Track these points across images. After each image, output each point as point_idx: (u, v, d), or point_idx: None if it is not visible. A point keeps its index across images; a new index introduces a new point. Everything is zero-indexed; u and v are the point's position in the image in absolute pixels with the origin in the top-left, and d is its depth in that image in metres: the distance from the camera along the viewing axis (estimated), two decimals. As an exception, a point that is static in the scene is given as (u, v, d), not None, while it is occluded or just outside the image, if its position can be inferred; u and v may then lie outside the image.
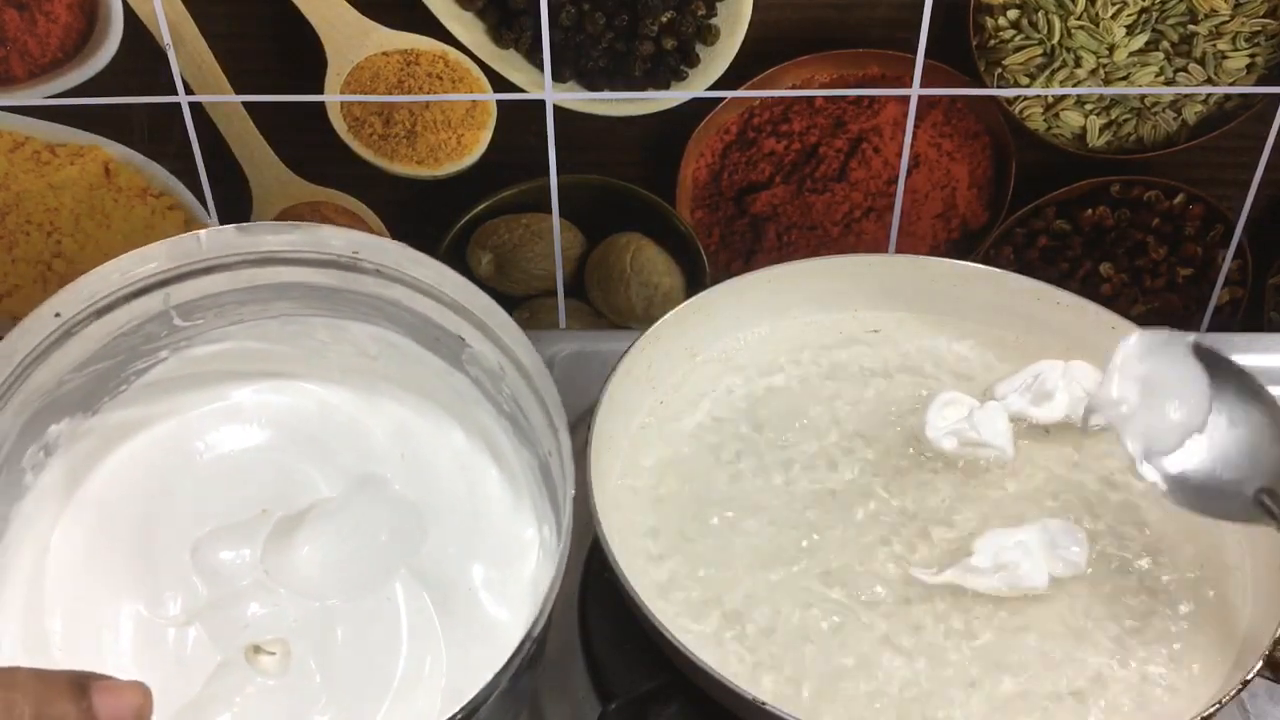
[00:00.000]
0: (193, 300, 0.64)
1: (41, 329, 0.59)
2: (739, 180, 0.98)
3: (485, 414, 0.68)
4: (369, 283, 0.65)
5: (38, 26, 0.88)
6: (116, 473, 0.66)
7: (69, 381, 0.62)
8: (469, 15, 0.89)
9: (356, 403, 0.69)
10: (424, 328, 0.66)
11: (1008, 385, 0.81)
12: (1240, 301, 1.04)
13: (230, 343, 0.67)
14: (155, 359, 0.65)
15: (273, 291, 0.66)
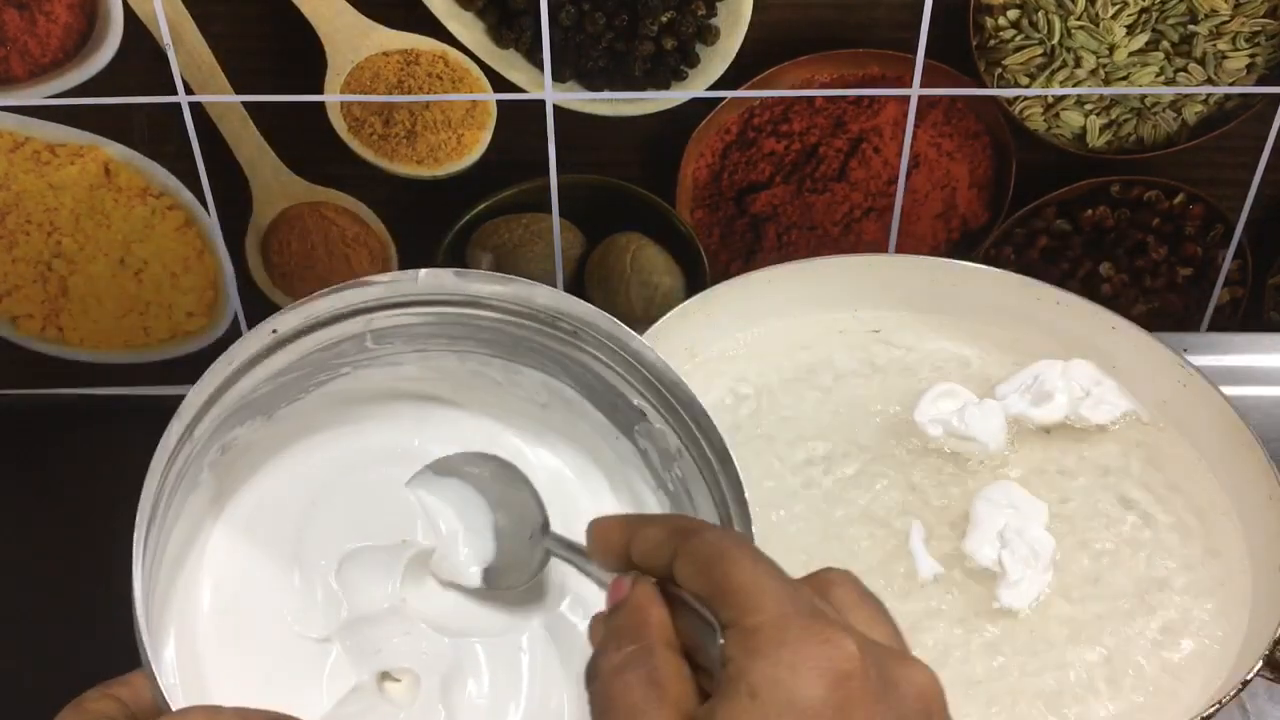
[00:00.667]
0: (390, 328, 0.66)
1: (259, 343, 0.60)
2: (739, 180, 0.98)
3: (644, 486, 0.68)
4: (561, 341, 0.66)
5: (38, 26, 0.88)
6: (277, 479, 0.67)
7: (262, 389, 0.63)
8: (469, 15, 0.89)
9: (518, 445, 0.70)
10: (604, 392, 0.67)
11: (1007, 386, 0.81)
12: (1240, 301, 1.04)
13: (409, 368, 0.68)
14: (338, 373, 0.67)
15: (465, 330, 0.67)
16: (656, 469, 0.67)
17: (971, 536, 0.72)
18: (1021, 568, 0.71)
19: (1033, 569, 0.71)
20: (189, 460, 0.61)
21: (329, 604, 0.64)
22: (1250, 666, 0.64)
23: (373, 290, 0.64)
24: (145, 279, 1.01)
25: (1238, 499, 0.75)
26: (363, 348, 0.66)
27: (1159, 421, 0.80)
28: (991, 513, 0.73)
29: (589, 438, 0.68)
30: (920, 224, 1.00)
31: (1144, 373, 0.81)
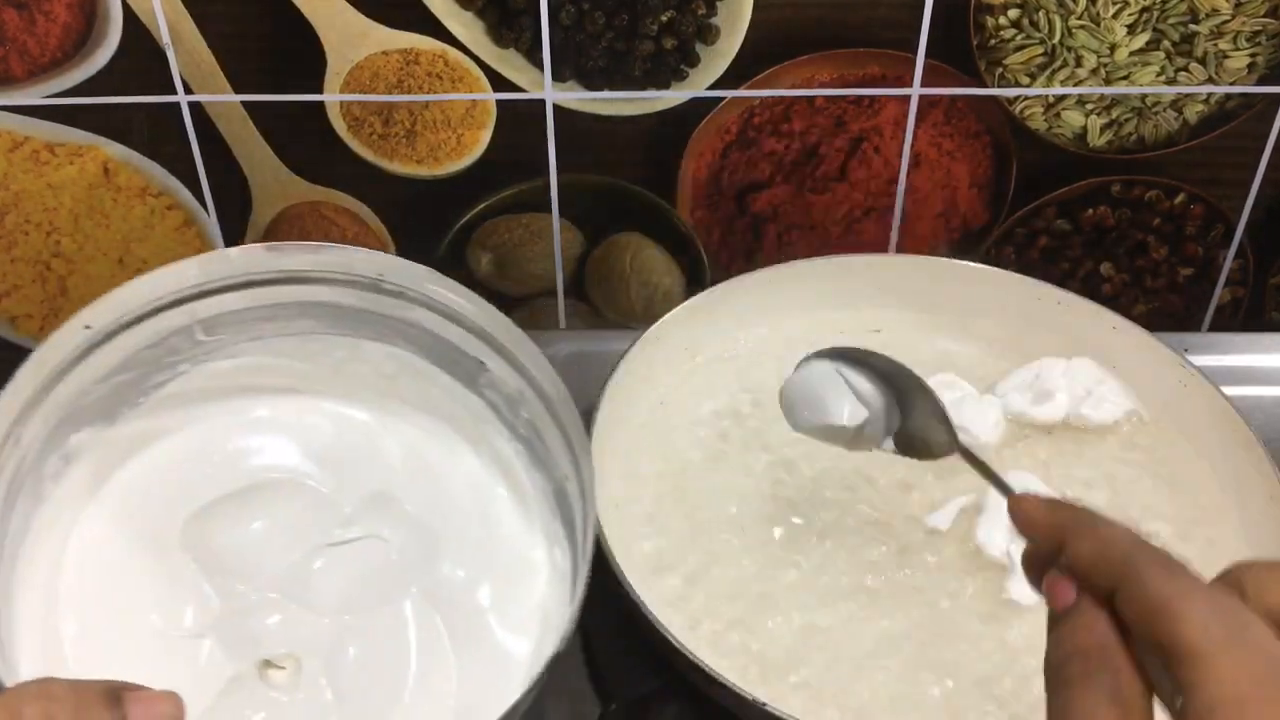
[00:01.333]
0: (217, 315, 0.66)
1: (71, 340, 0.59)
2: (739, 180, 0.98)
3: (499, 437, 0.69)
4: (391, 304, 0.66)
5: (37, 26, 0.88)
6: (133, 483, 0.67)
7: (92, 392, 0.63)
8: (469, 15, 0.89)
9: (371, 421, 0.70)
10: (443, 350, 0.67)
11: (1007, 384, 0.81)
12: (1241, 301, 1.04)
13: (249, 358, 0.68)
14: (175, 371, 0.66)
15: (296, 309, 0.66)
16: (507, 418, 0.67)
17: (982, 527, 0.72)
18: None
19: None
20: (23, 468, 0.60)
21: (196, 600, 0.64)
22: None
23: (188, 273, 0.63)
24: (145, 279, 1.01)
25: (1238, 499, 0.75)
26: (194, 341, 0.65)
27: (1159, 421, 0.80)
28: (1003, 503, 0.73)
29: (440, 401, 0.69)
30: (920, 224, 0.99)
31: (1144, 373, 0.81)
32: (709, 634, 0.70)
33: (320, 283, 0.66)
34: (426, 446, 0.70)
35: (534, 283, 1.02)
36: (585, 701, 0.73)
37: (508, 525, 0.69)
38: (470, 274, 1.02)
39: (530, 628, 0.65)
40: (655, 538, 0.75)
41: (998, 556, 0.71)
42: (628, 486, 0.77)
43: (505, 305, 1.03)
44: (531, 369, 0.65)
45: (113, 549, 0.65)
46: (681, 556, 0.74)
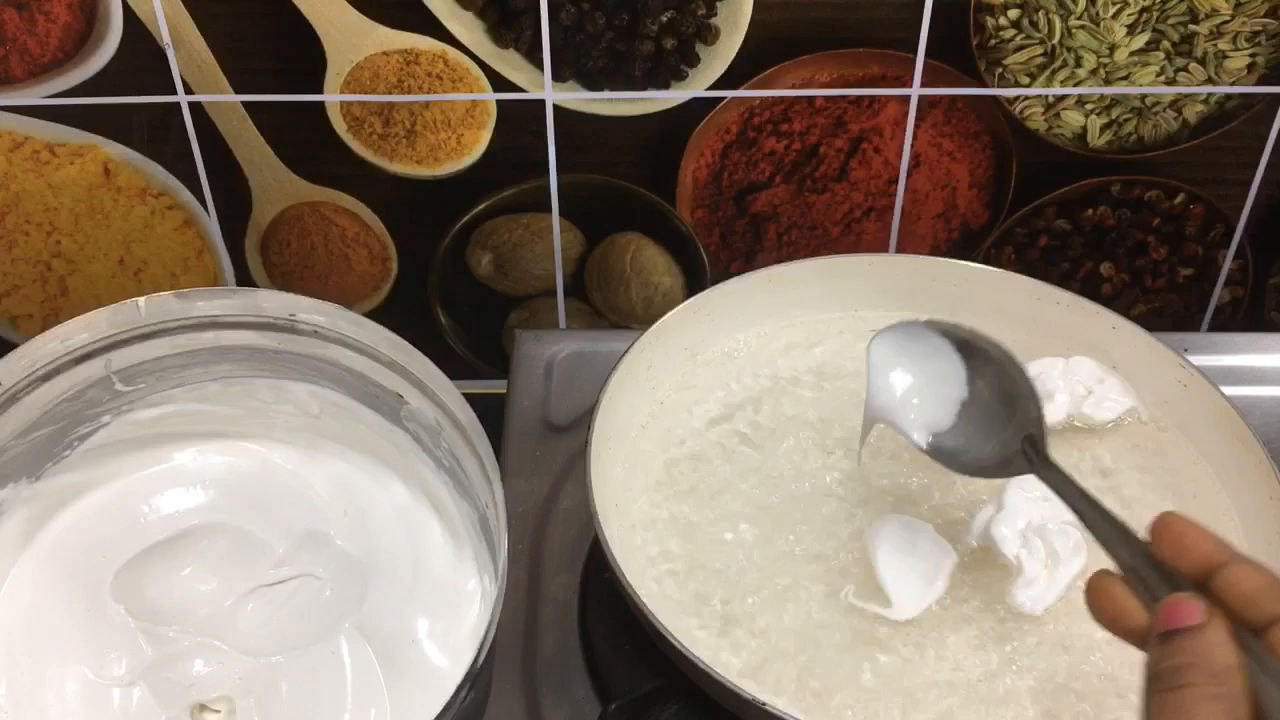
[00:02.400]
0: (134, 365, 0.66)
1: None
2: (739, 180, 0.98)
3: (425, 468, 0.69)
4: (307, 343, 0.66)
5: (37, 26, 0.88)
6: (61, 536, 0.67)
7: (11, 448, 0.63)
8: (469, 15, 0.89)
9: (299, 460, 0.70)
10: (363, 386, 0.68)
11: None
12: (1241, 301, 1.04)
13: (172, 405, 0.68)
14: (98, 423, 0.67)
15: (213, 355, 0.67)
16: (430, 448, 0.68)
17: (1000, 523, 0.72)
18: (1039, 568, 0.70)
19: (1051, 571, 0.70)
20: None
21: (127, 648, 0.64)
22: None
23: (98, 324, 0.63)
24: (145, 279, 1.01)
25: (1238, 499, 0.75)
26: (113, 391, 0.66)
27: (1159, 421, 0.80)
28: (1023, 504, 0.73)
29: (367, 437, 0.69)
30: (920, 224, 1.00)
31: (1144, 373, 0.81)
32: (709, 633, 0.70)
33: (233, 327, 0.66)
34: (356, 480, 0.70)
35: (534, 283, 1.02)
36: (585, 701, 0.73)
37: (439, 555, 0.69)
38: (470, 274, 1.02)
39: (465, 654, 0.64)
40: (655, 537, 0.75)
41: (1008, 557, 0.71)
42: (627, 486, 0.77)
43: (506, 305, 1.04)
44: (445, 400, 0.65)
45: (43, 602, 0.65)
46: (682, 556, 0.74)
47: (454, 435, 0.65)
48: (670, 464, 0.79)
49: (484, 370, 1.07)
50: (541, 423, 0.88)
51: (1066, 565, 0.71)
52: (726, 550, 0.74)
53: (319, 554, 0.68)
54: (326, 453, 0.70)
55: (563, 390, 0.90)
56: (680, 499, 0.77)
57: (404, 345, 0.64)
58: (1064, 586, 0.70)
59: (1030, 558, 0.70)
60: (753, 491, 0.77)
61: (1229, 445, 0.76)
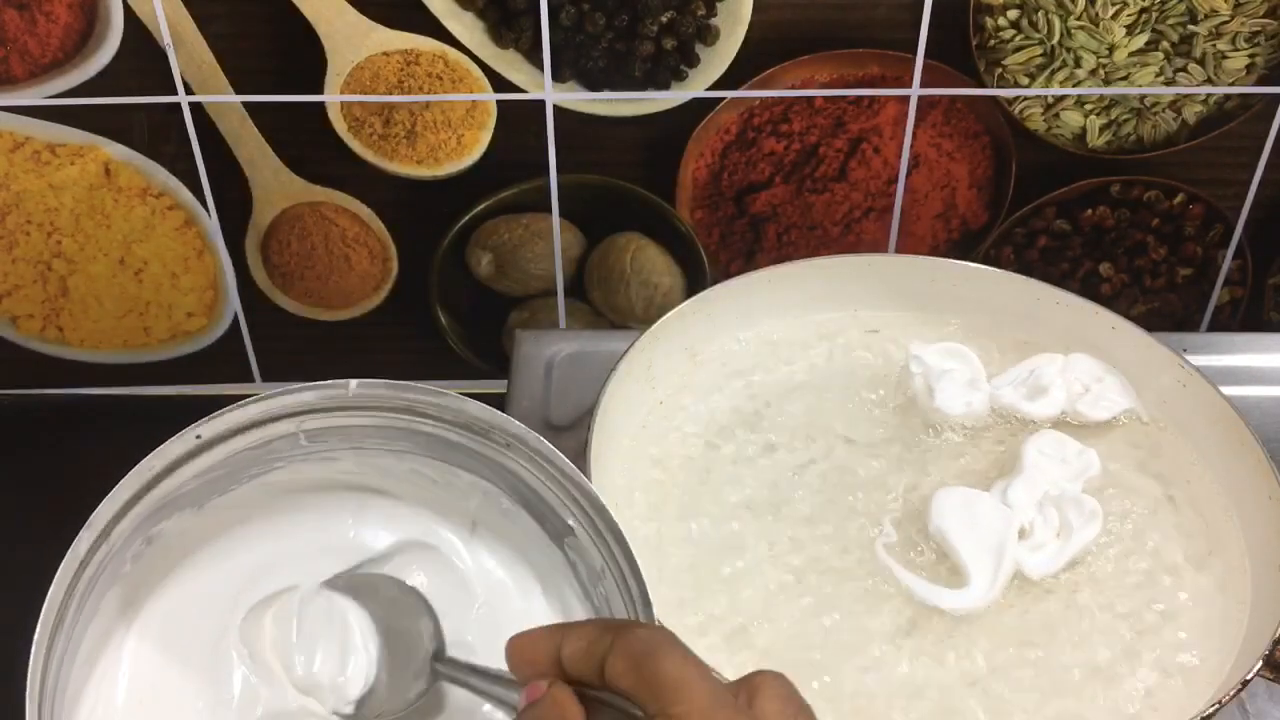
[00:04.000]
0: (325, 428, 0.66)
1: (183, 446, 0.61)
2: (739, 180, 0.98)
3: (573, 593, 0.68)
4: (496, 450, 0.66)
5: (38, 26, 0.88)
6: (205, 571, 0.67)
7: (188, 486, 0.63)
8: (469, 15, 0.89)
9: (452, 540, 0.70)
10: (535, 502, 0.67)
11: (1003, 379, 0.81)
12: (1240, 301, 1.04)
13: (345, 464, 0.68)
14: (271, 467, 0.67)
15: (401, 434, 0.67)
16: (584, 582, 0.67)
17: (1017, 488, 0.73)
18: (1050, 535, 0.71)
19: (1063, 540, 0.71)
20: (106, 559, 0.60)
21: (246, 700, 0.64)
22: (1250, 666, 0.64)
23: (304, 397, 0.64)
24: (145, 279, 1.01)
25: (1238, 499, 0.75)
26: (296, 445, 0.65)
27: (1159, 421, 0.80)
28: (1043, 468, 0.74)
29: (522, 541, 0.68)
30: (920, 224, 1.00)
31: (1144, 373, 0.81)
32: (709, 633, 0.70)
33: (433, 418, 0.67)
34: (501, 577, 0.69)
35: (534, 283, 1.02)
36: (585, 701, 0.73)
37: None
38: (470, 274, 1.02)
39: None
40: (655, 537, 0.75)
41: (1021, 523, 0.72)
42: (627, 486, 0.77)
43: (505, 305, 1.04)
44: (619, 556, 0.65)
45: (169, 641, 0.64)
46: (681, 556, 0.74)
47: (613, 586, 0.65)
48: (670, 464, 0.79)
49: (484, 370, 1.07)
50: (541, 423, 0.88)
51: (1078, 534, 0.72)
52: (728, 550, 0.74)
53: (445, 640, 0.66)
54: (480, 541, 0.69)
55: (563, 390, 0.90)
56: (680, 499, 0.77)
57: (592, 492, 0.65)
58: (1070, 557, 0.71)
59: (1044, 525, 0.72)
60: (753, 492, 0.77)
61: (1228, 445, 0.76)
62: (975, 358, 0.81)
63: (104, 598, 0.63)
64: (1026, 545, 0.71)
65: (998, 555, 0.71)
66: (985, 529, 0.72)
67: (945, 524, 0.72)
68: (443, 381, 1.08)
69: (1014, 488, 0.73)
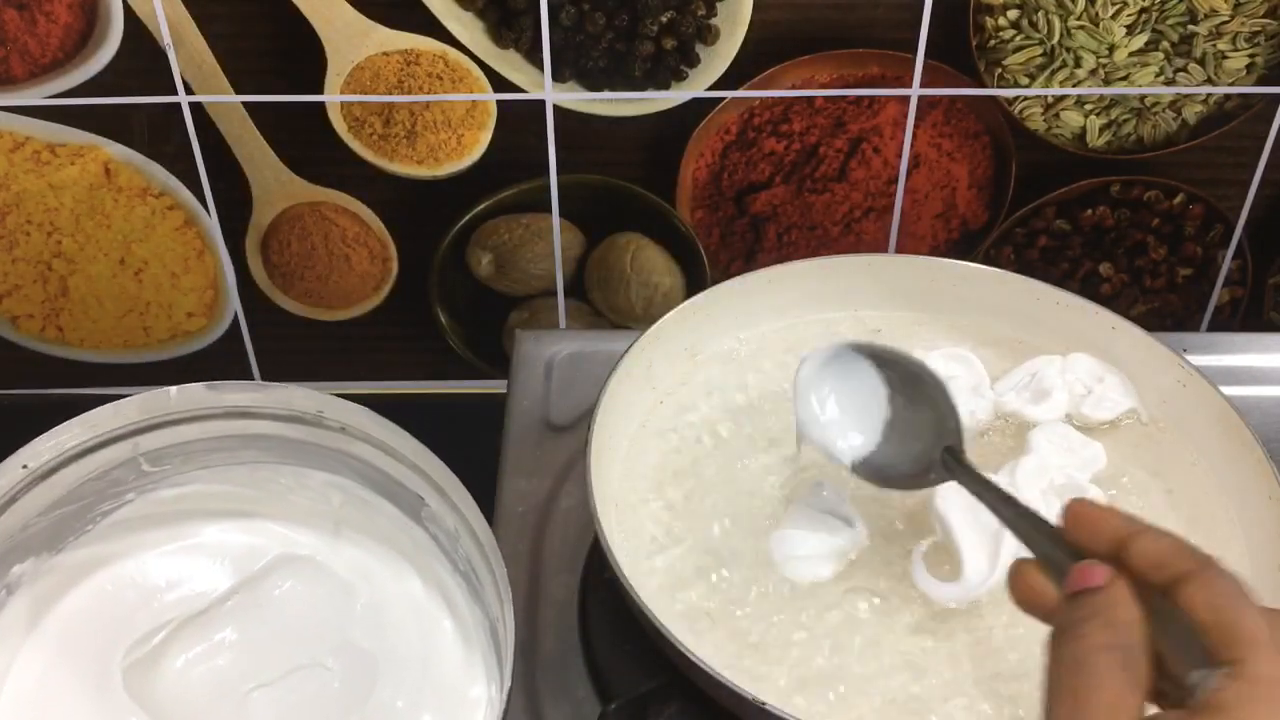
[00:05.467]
0: (162, 448, 0.66)
1: (9, 479, 0.60)
2: (739, 180, 0.98)
3: (442, 568, 0.69)
4: (333, 438, 0.67)
5: (38, 26, 0.88)
6: (77, 608, 0.67)
7: (34, 525, 0.63)
8: (469, 15, 0.89)
9: (318, 545, 0.70)
10: (385, 482, 0.68)
11: (1004, 383, 0.81)
12: (1240, 301, 1.04)
13: (196, 485, 0.69)
14: (121, 500, 0.67)
15: (240, 441, 0.68)
16: (448, 550, 0.68)
17: (1022, 473, 0.73)
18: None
19: None
20: None
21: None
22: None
23: (127, 412, 0.63)
24: (145, 279, 1.01)
25: (1238, 499, 0.75)
26: (140, 472, 0.66)
27: (1159, 421, 0.80)
28: (1048, 456, 0.74)
29: (385, 528, 0.69)
30: (920, 224, 1.00)
31: (1144, 373, 0.81)
32: (709, 633, 0.70)
33: (263, 418, 0.66)
34: (374, 569, 0.70)
35: (534, 283, 1.02)
36: (585, 701, 0.73)
37: (448, 656, 0.68)
38: (470, 274, 1.02)
39: None
40: (655, 537, 0.75)
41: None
42: (627, 486, 0.77)
43: (505, 305, 1.04)
44: (465, 510, 0.65)
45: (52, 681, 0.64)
46: (681, 556, 0.74)
47: (471, 546, 0.66)
48: (670, 464, 0.79)
49: (484, 370, 1.07)
50: (541, 423, 0.88)
51: None
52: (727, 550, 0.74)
53: (330, 644, 0.67)
54: (346, 540, 0.70)
55: (563, 390, 0.90)
56: (680, 499, 0.77)
57: (427, 452, 0.65)
58: None
59: (1044, 510, 0.71)
60: (753, 492, 0.77)
61: (1228, 445, 0.76)
62: (978, 363, 0.81)
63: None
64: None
65: (996, 538, 0.71)
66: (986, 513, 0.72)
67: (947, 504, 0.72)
68: (443, 382, 1.08)
69: (1021, 468, 0.73)
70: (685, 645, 0.64)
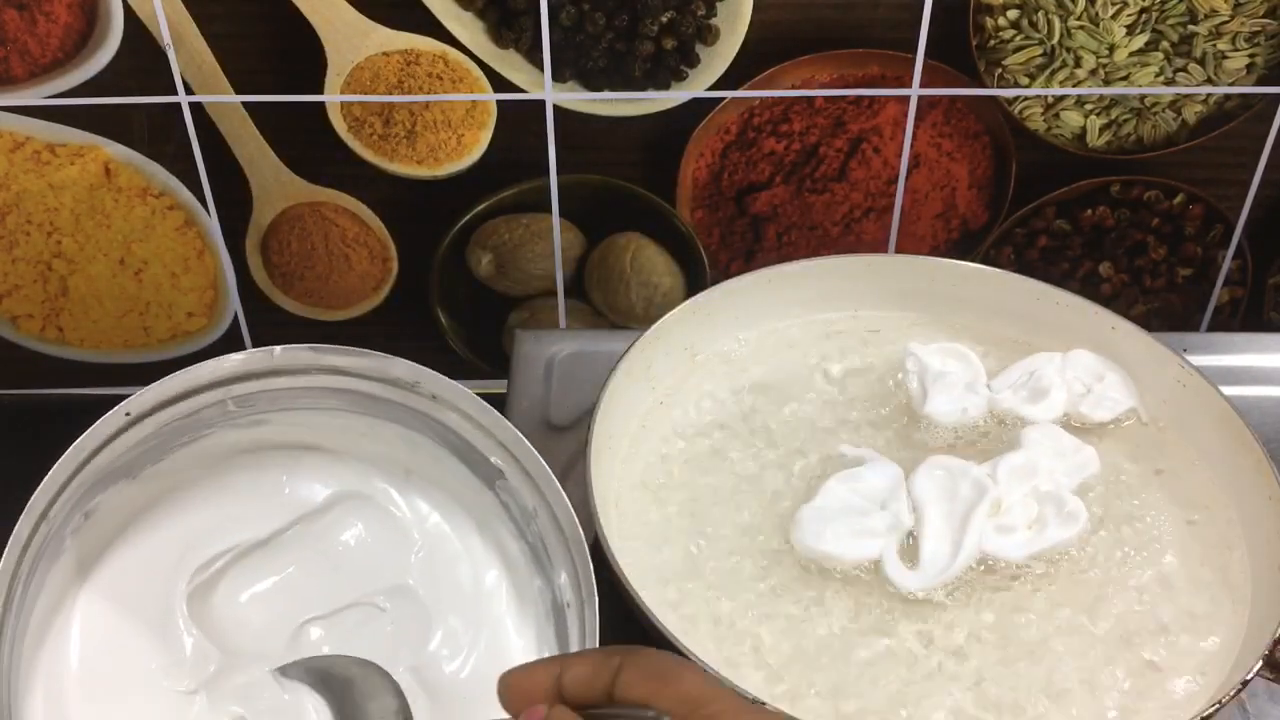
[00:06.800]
0: (252, 394, 0.67)
1: (113, 426, 0.63)
2: (739, 180, 0.98)
3: (507, 532, 0.69)
4: (424, 404, 0.68)
5: (38, 26, 0.88)
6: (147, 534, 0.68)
7: (121, 459, 0.65)
8: (469, 15, 0.89)
9: (385, 487, 0.71)
10: (465, 449, 0.69)
11: (1001, 380, 0.81)
12: (1240, 301, 1.04)
13: (275, 424, 0.69)
14: (200, 434, 0.68)
15: (328, 394, 0.69)
16: (517, 521, 0.68)
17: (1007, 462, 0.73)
18: (1023, 525, 0.71)
19: (1034, 532, 0.71)
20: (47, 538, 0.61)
21: (198, 657, 0.64)
22: (1250, 666, 0.64)
23: (228, 365, 0.64)
24: (145, 279, 1.01)
25: (1238, 499, 0.75)
26: (225, 411, 0.67)
27: (1159, 421, 0.80)
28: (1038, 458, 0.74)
29: (454, 486, 0.70)
30: (920, 224, 1.00)
31: (1144, 373, 0.81)
32: (708, 634, 0.70)
33: (358, 377, 0.68)
34: (435, 520, 0.71)
35: (534, 283, 1.02)
36: (585, 701, 0.73)
37: (504, 617, 0.69)
38: (470, 274, 1.02)
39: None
40: (655, 537, 0.75)
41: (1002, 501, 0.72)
42: (627, 486, 0.77)
43: (505, 305, 1.04)
44: (549, 497, 0.66)
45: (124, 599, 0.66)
46: (681, 556, 0.74)
47: (549, 528, 0.67)
48: (670, 464, 0.79)
49: (484, 370, 1.07)
50: (541, 423, 0.88)
51: (1052, 532, 0.72)
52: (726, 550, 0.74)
53: (385, 585, 0.68)
54: (414, 488, 0.71)
55: (563, 390, 0.90)
56: (680, 499, 0.77)
57: (520, 439, 0.66)
58: (1035, 551, 0.71)
59: (1021, 511, 0.72)
60: (752, 492, 0.77)
61: (1228, 445, 0.76)
62: (976, 359, 0.81)
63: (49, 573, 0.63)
64: (995, 524, 0.71)
65: (961, 529, 0.71)
66: (960, 499, 0.72)
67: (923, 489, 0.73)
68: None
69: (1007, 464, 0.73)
70: (685, 644, 0.64)
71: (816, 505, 0.73)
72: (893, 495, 0.73)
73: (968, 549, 0.70)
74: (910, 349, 0.82)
